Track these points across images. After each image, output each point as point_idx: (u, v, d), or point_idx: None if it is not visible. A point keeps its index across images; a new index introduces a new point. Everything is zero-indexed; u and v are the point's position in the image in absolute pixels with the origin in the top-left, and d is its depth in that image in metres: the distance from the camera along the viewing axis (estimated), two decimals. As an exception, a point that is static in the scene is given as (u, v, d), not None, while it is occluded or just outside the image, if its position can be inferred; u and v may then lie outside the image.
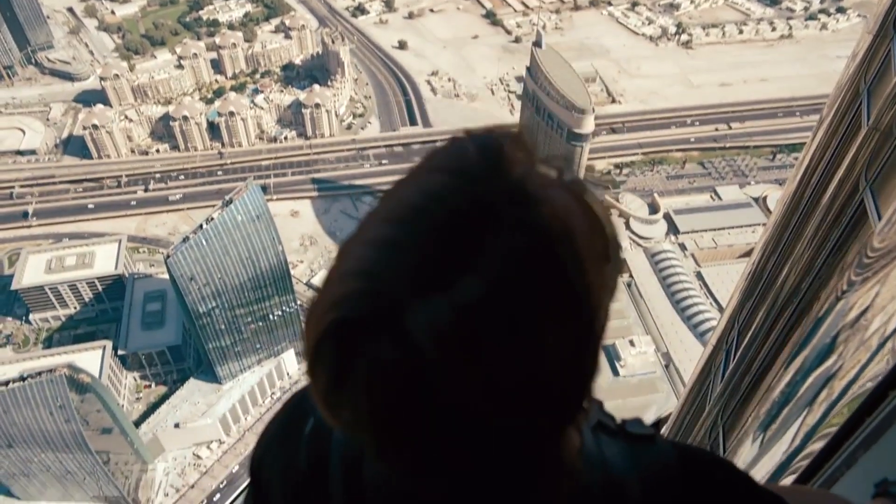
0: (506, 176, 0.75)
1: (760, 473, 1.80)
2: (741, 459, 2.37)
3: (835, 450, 1.69)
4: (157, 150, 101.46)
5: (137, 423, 68.53)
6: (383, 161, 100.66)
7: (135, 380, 74.93)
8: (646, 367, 70.96)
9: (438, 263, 0.69)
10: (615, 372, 70.23)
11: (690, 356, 67.22)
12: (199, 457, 68.23)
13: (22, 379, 58.81)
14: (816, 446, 1.64)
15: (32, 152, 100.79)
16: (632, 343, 71.63)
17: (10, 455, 60.43)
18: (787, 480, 1.75)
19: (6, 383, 58.85)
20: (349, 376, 0.71)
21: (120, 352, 73.45)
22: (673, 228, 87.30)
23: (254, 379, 71.92)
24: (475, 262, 0.69)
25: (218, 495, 64.98)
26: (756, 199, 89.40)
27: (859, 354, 1.77)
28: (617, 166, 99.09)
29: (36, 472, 61.67)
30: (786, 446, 1.71)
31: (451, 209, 0.71)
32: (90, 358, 68.74)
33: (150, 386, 75.14)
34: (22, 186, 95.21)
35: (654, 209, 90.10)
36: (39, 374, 59.11)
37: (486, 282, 0.68)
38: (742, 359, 4.84)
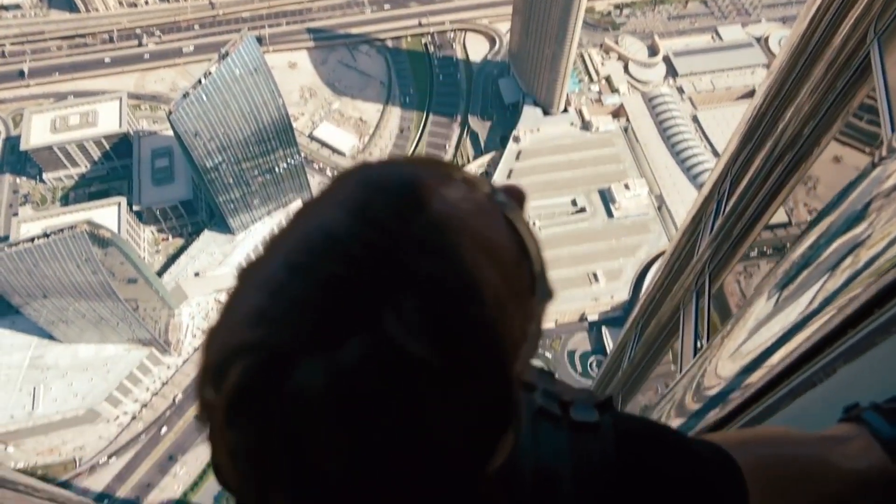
0: (416, 221, 0.66)
1: (772, 331, 1.71)
2: (754, 316, 2.26)
3: (815, 354, 1.60)
4: (146, 2, 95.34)
5: (160, 274, 70.73)
6: (385, 6, 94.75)
7: (152, 233, 76.24)
8: (639, 209, 71.66)
9: (331, 320, 0.61)
10: (609, 214, 71.12)
11: (683, 198, 67.71)
12: (220, 302, 70.41)
13: (46, 236, 59.77)
14: (833, 313, 1.53)
15: (17, 6, 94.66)
16: (626, 186, 71.80)
17: (46, 304, 63.09)
18: (801, 339, 1.67)
19: (32, 240, 59.97)
20: (228, 425, 0.63)
21: (135, 207, 74.02)
22: (671, 71, 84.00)
23: (265, 229, 73.00)
24: (367, 320, 0.61)
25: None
26: (758, 40, 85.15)
27: (890, 227, 1.62)
28: (617, 7, 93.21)
29: (73, 318, 64.62)
30: (802, 308, 1.61)
31: (350, 259, 0.63)
32: (107, 214, 69.41)
33: (167, 239, 76.60)
34: (12, 44, 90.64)
35: (653, 52, 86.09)
36: (61, 230, 59.92)
37: (371, 345, 0.60)
38: (734, 209, 4.76)
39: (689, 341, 5.21)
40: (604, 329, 63.93)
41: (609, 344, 61.35)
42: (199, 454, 60.60)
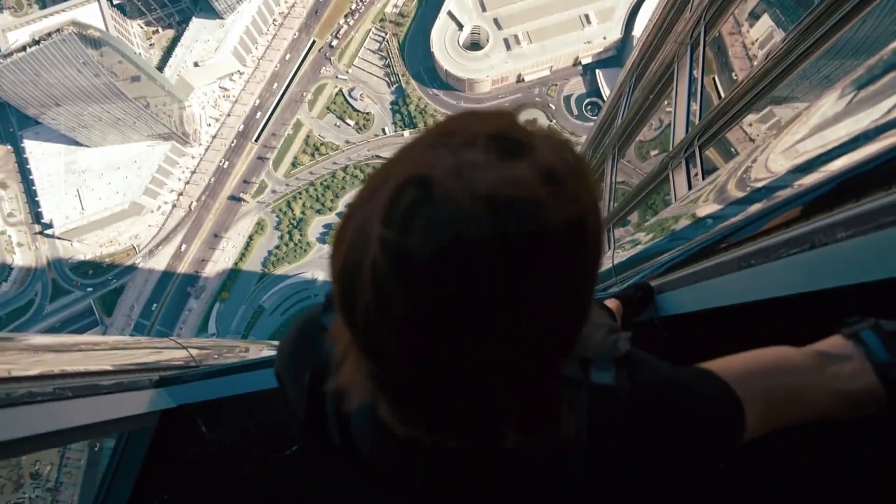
0: (553, 136, 0.69)
1: (838, 133, 1.47)
2: (820, 113, 1.78)
3: (816, 212, 1.37)
4: None
5: (159, 68, 67.32)
6: None
7: (141, 27, 71.00)
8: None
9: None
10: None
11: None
12: (225, 89, 68.78)
13: (36, 42, 56.06)
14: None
15: None
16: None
17: (62, 112, 61.62)
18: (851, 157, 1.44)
19: (24, 48, 56.41)
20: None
21: (115, 1, 67.95)
22: None
23: (252, 8, 67.47)
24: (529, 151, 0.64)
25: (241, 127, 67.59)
26: None
27: None
28: None
29: (90, 123, 63.49)
30: (876, 116, 1.35)
31: (478, 139, 0.65)
32: (90, 12, 63.99)
33: (157, 31, 71.40)
34: None
35: None
36: (49, 35, 55.98)
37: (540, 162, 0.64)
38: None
39: (684, 89, 5.10)
40: (598, 71, 61.63)
41: (603, 86, 59.77)
42: (240, 229, 64.02)
